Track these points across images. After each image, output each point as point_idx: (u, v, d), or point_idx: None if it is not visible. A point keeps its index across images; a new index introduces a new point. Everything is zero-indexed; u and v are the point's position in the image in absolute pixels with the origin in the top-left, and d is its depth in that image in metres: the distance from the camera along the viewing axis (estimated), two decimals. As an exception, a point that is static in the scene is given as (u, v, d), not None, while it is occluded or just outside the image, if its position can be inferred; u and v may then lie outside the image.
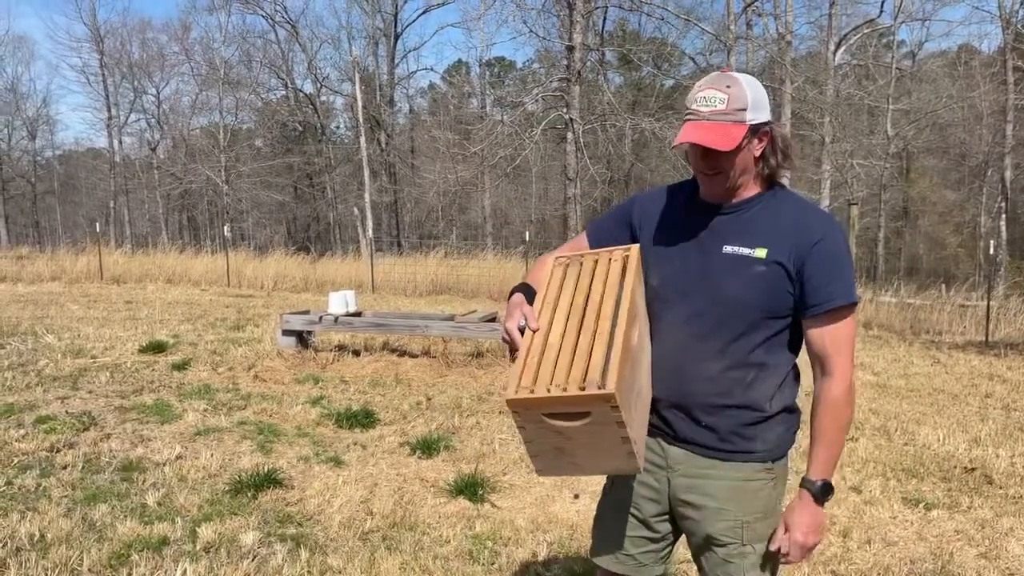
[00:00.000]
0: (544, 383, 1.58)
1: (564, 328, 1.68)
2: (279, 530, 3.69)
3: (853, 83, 25.65)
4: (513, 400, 1.59)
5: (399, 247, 28.90)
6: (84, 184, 44.58)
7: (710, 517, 1.83)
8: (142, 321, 10.46)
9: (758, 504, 1.83)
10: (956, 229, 31.01)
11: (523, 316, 1.73)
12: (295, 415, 5.80)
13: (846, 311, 1.74)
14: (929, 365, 8.47)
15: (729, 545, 1.82)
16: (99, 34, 35.86)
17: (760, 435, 1.81)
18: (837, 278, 1.73)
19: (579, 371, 1.56)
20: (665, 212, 1.93)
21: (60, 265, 18.11)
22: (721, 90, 1.73)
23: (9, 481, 4.19)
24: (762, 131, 1.76)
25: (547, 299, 1.77)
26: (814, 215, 1.80)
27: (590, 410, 1.54)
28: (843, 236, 1.80)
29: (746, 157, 1.76)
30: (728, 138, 1.70)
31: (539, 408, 1.58)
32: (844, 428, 1.80)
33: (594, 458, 1.67)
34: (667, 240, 1.88)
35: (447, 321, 7.71)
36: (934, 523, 3.92)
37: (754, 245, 1.76)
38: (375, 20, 34.27)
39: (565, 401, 1.54)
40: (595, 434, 1.59)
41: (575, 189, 21.29)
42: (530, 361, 1.63)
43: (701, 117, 1.72)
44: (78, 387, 6.45)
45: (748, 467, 1.82)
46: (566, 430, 1.59)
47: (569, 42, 20.58)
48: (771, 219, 1.79)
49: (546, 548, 3.56)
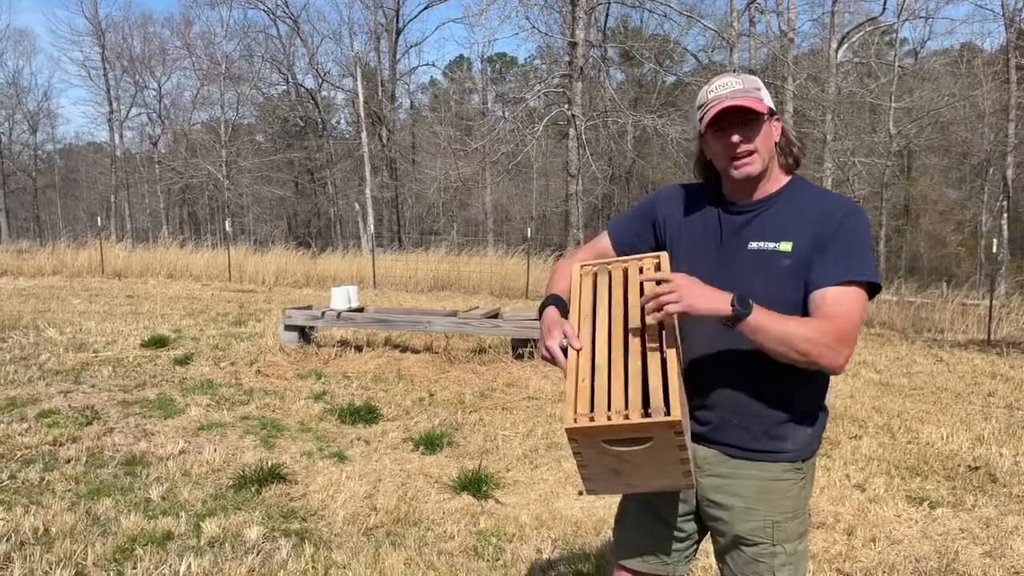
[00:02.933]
0: (602, 409, 1.54)
1: (609, 346, 1.65)
2: (283, 525, 3.68)
3: (855, 81, 25.61)
4: (573, 429, 1.55)
5: (400, 243, 28.90)
6: (85, 178, 44.60)
7: (739, 517, 1.82)
8: (144, 316, 10.45)
9: (787, 503, 1.81)
10: (957, 228, 31.00)
11: (564, 334, 1.69)
12: (298, 410, 5.80)
13: (850, 285, 1.68)
14: (931, 363, 8.46)
15: (759, 545, 1.80)
16: (100, 28, 35.84)
17: (791, 435, 1.79)
18: (847, 258, 1.69)
19: (636, 396, 1.54)
20: (689, 211, 1.91)
21: (61, 259, 18.10)
22: (733, 77, 1.78)
23: (13, 475, 4.19)
24: (776, 117, 1.79)
25: (583, 313, 1.73)
26: (836, 200, 1.80)
27: (653, 436, 1.53)
28: (865, 218, 1.77)
29: (769, 138, 1.78)
30: (759, 103, 1.73)
31: (600, 435, 1.55)
32: (802, 336, 1.63)
33: (650, 478, 1.66)
34: (693, 240, 1.87)
35: (450, 317, 7.70)
36: (938, 521, 3.92)
37: (779, 239, 1.74)
38: (377, 15, 34.22)
39: (628, 428, 1.52)
40: (654, 457, 1.58)
41: (577, 185, 21.27)
42: (582, 385, 1.59)
43: (726, 97, 1.73)
44: (80, 381, 6.45)
45: (777, 467, 1.80)
46: (624, 454, 1.58)
47: (571, 38, 20.54)
48: (794, 211, 1.78)
49: (550, 544, 3.56)
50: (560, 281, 1.90)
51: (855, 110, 26.53)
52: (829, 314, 1.66)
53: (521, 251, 19.19)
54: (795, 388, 1.77)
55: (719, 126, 1.75)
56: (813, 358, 1.64)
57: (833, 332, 1.64)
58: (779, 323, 1.63)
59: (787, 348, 1.63)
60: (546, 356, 1.71)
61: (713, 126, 1.76)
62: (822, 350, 1.63)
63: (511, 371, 7.07)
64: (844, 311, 1.66)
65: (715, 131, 1.77)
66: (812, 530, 3.75)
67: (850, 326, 1.66)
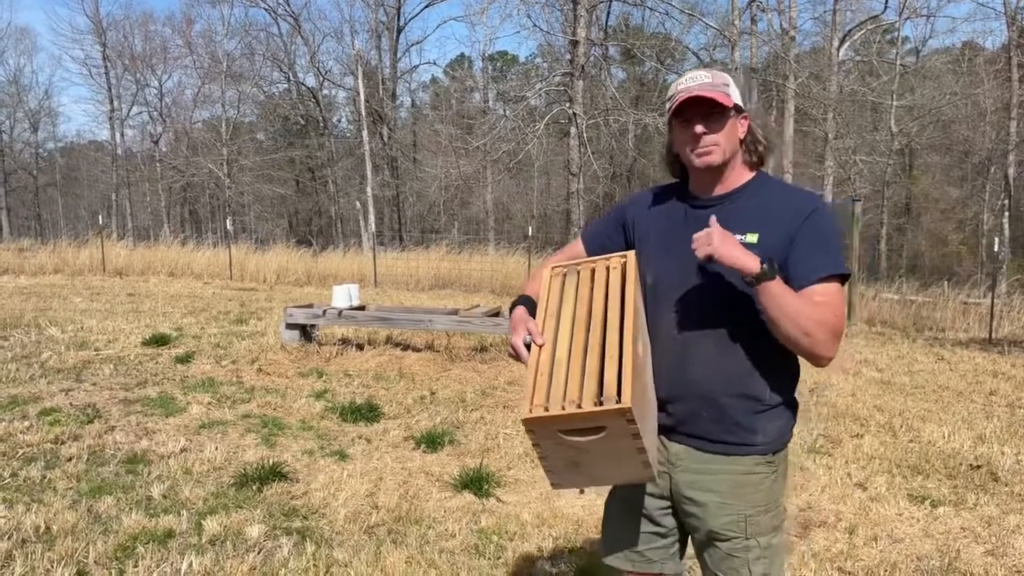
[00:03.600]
0: (558, 400, 1.58)
1: (571, 342, 1.69)
2: (284, 523, 3.68)
3: (857, 79, 25.59)
4: (528, 419, 1.59)
5: (401, 241, 28.87)
6: (86, 177, 44.58)
7: (713, 512, 1.83)
8: (145, 314, 10.45)
9: (759, 497, 1.83)
10: (959, 226, 30.97)
11: (528, 331, 1.76)
12: (299, 409, 5.80)
13: (831, 280, 1.73)
14: (933, 362, 8.45)
15: (733, 539, 1.82)
16: (102, 26, 35.79)
17: (762, 427, 1.82)
18: (824, 251, 1.73)
19: (593, 386, 1.58)
20: (656, 210, 1.96)
21: (62, 258, 18.11)
22: (704, 72, 1.83)
23: (14, 473, 4.19)
24: (743, 114, 1.84)
25: (549, 311, 1.79)
26: (802, 194, 1.85)
27: (606, 425, 1.56)
28: (830, 212, 1.83)
29: (734, 134, 1.82)
30: (725, 97, 1.77)
31: (554, 425, 1.58)
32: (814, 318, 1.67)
33: (609, 469, 1.69)
34: (660, 237, 1.91)
35: (451, 315, 7.70)
36: (940, 520, 3.91)
37: (744, 231, 1.77)
38: (378, 14, 34.18)
39: (581, 417, 1.55)
40: (610, 447, 1.60)
41: (578, 184, 21.26)
42: (540, 378, 1.64)
43: (693, 89, 1.78)
44: (82, 379, 6.45)
45: (749, 460, 1.82)
46: (581, 444, 1.60)
47: (573, 36, 20.52)
48: (759, 205, 1.82)
49: (552, 543, 3.56)
50: (534, 284, 1.96)
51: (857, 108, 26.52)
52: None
53: (522, 249, 19.19)
54: (764, 381, 1.81)
55: (684, 116, 1.81)
56: (814, 343, 1.67)
57: (832, 325, 1.69)
58: (795, 298, 1.67)
59: (794, 325, 1.66)
60: (511, 353, 1.78)
61: (678, 115, 1.81)
62: (824, 337, 1.68)
63: (512, 369, 7.07)
64: (833, 307, 1.71)
65: (680, 121, 1.82)
66: (813, 528, 3.75)
67: (841, 322, 1.72)
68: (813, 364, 1.76)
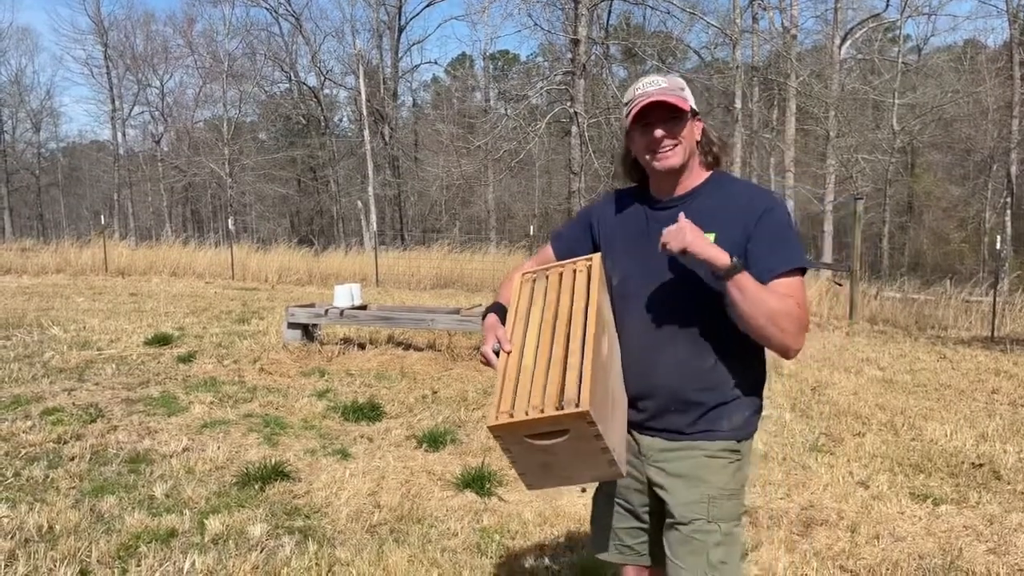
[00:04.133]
0: (522, 406, 1.63)
1: (537, 347, 1.75)
2: (287, 522, 3.69)
3: (858, 77, 25.58)
4: (494, 426, 1.64)
5: (402, 241, 28.87)
6: (88, 176, 44.62)
7: (680, 493, 1.88)
8: (147, 313, 10.46)
9: (723, 478, 1.88)
10: (961, 224, 30.95)
11: (496, 339, 1.80)
12: (301, 408, 5.81)
13: (792, 274, 1.77)
14: (935, 360, 8.44)
15: (695, 521, 1.86)
16: (103, 26, 35.79)
17: (727, 416, 1.87)
18: (783, 247, 1.78)
19: (554, 390, 1.63)
20: (619, 212, 2.02)
21: (65, 257, 18.14)
22: (660, 77, 1.88)
23: (17, 472, 4.20)
24: (697, 117, 1.89)
25: (518, 317, 1.84)
26: (756, 192, 1.90)
27: (568, 428, 1.61)
28: (786, 209, 1.87)
29: (691, 136, 1.87)
30: (682, 102, 1.82)
31: (520, 431, 1.64)
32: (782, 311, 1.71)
33: (578, 469, 1.74)
34: (624, 238, 1.96)
35: (452, 315, 7.70)
36: (942, 518, 3.91)
37: (704, 231, 1.80)
38: (379, 13, 34.16)
39: (543, 422, 1.61)
40: (576, 448, 1.66)
41: (579, 183, 21.26)
42: (507, 385, 1.69)
43: (652, 94, 1.82)
44: (84, 379, 6.46)
45: (714, 445, 1.88)
46: (548, 447, 1.66)
47: (574, 35, 20.52)
48: (716, 204, 1.86)
49: (553, 541, 3.56)
50: (505, 290, 2.01)
51: (858, 107, 26.47)
52: None
53: (524, 248, 19.20)
54: (730, 375, 1.86)
55: (644, 120, 1.84)
56: (784, 334, 1.72)
57: (798, 317, 1.73)
58: (763, 292, 1.71)
59: (764, 318, 1.70)
60: (483, 360, 1.83)
61: (638, 120, 1.85)
62: (793, 329, 1.72)
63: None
64: (798, 300, 1.75)
65: (640, 126, 1.86)
66: (815, 527, 3.75)
67: (806, 314, 1.78)
68: (782, 356, 1.80)
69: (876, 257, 28.63)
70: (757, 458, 4.77)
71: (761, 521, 3.80)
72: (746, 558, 3.36)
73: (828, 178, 23.33)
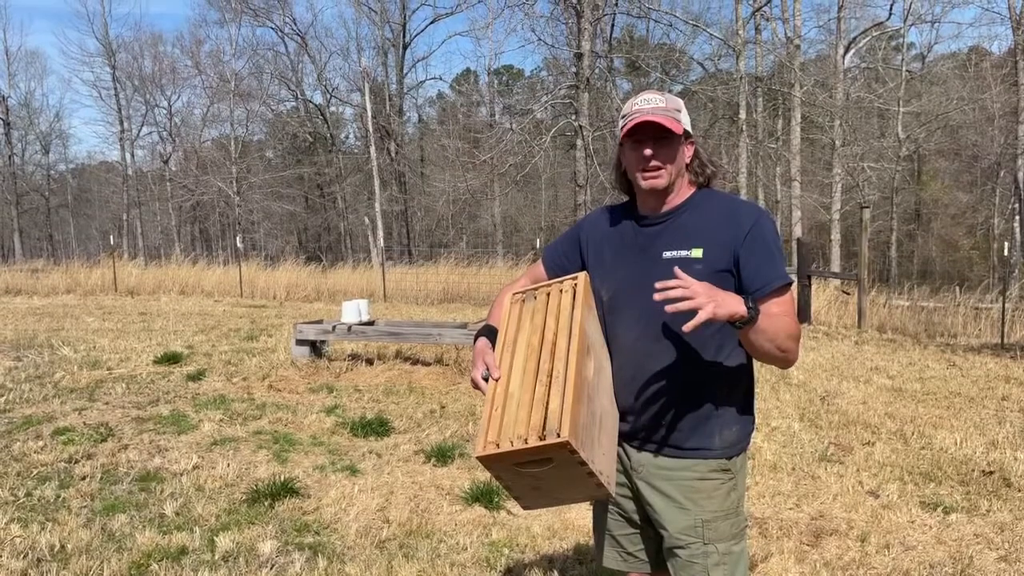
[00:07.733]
0: (508, 436, 1.66)
1: (523, 373, 1.77)
2: (297, 539, 3.70)
3: (863, 86, 25.59)
4: (482, 456, 1.68)
5: (410, 256, 28.97)
6: (97, 197, 44.95)
7: (672, 517, 1.89)
8: (156, 332, 10.52)
9: (714, 503, 1.88)
10: (969, 231, 30.85)
11: (485, 365, 1.83)
12: (310, 424, 5.83)
13: (784, 290, 1.81)
14: (944, 368, 8.40)
15: (691, 545, 1.87)
16: (111, 48, 36.19)
17: (718, 432, 1.88)
18: (771, 263, 1.81)
19: (538, 420, 1.66)
20: (608, 228, 2.03)
21: (74, 278, 18.25)
22: (658, 95, 1.89)
23: (29, 492, 4.23)
24: (689, 140, 1.91)
25: (506, 342, 1.87)
26: (742, 206, 1.91)
27: (552, 456, 1.64)
28: (772, 222, 1.89)
29: (681, 159, 1.89)
30: (675, 124, 1.84)
31: (507, 460, 1.67)
32: (787, 335, 1.76)
33: (568, 492, 1.78)
34: (612, 254, 1.98)
35: (460, 329, 7.72)
36: (953, 527, 3.89)
37: (690, 247, 1.84)
38: (384, 31, 34.41)
39: (527, 452, 1.64)
40: (562, 474, 1.69)
41: (585, 196, 21.30)
42: (494, 413, 1.72)
43: (646, 112, 1.84)
44: (95, 399, 6.50)
45: (703, 465, 1.88)
46: (536, 474, 1.69)
47: (577, 49, 20.63)
48: (702, 219, 1.88)
49: (562, 554, 3.56)
50: (496, 311, 2.03)
51: (863, 115, 26.51)
52: None
53: (530, 262, 19.21)
54: (719, 389, 1.88)
55: (636, 137, 1.86)
56: (790, 355, 1.77)
57: (795, 333, 1.78)
58: (773, 322, 1.74)
59: (774, 345, 1.74)
60: (473, 386, 1.85)
61: (630, 137, 1.87)
62: (794, 346, 1.78)
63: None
64: (791, 315, 1.80)
65: (632, 142, 1.88)
66: (825, 537, 3.74)
67: (799, 327, 1.82)
68: (782, 369, 1.85)
69: (885, 265, 28.54)
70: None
71: (771, 532, 3.79)
72: (755, 570, 3.35)
73: (835, 187, 23.30)
